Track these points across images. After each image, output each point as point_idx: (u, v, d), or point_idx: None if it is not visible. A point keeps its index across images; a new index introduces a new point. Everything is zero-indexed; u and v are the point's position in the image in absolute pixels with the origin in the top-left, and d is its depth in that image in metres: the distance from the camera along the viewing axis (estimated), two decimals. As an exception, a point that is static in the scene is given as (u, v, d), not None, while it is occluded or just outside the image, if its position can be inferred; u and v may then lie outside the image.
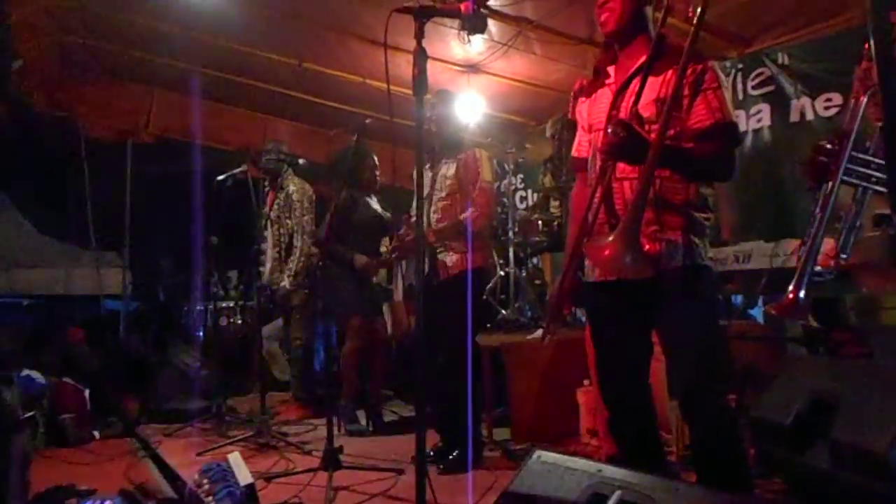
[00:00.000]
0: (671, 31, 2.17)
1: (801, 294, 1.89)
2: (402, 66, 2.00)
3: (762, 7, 4.52)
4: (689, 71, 2.06)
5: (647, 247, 2.03)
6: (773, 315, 2.34)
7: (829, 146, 2.35)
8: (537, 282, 5.41)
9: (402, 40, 1.97)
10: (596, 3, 2.23)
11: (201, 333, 6.50)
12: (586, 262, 2.30)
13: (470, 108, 5.73)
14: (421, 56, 1.78)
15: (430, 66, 1.85)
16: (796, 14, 4.59)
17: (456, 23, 2.02)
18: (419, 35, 1.79)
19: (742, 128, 4.76)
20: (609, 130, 1.98)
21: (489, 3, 4.46)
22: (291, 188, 5.15)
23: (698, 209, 2.16)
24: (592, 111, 2.34)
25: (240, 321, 6.48)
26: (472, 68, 5.67)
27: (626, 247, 1.85)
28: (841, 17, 4.34)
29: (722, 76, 2.13)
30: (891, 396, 1.76)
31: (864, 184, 2.22)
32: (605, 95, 2.27)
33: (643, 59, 2.11)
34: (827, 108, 4.32)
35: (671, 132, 2.07)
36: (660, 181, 2.09)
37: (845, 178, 2.26)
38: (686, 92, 2.08)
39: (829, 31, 4.46)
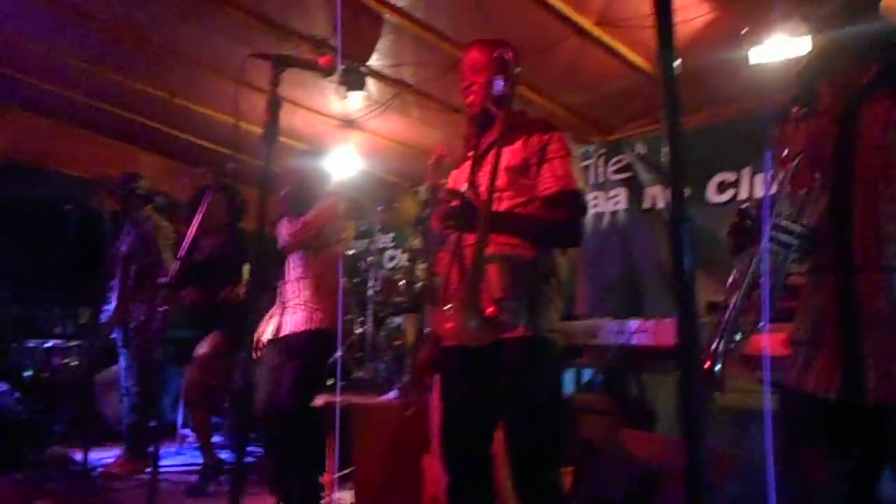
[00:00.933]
0: (531, 107, 2.27)
1: (717, 367, 1.85)
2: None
3: (624, 99, 4.82)
4: (535, 140, 2.18)
5: (488, 311, 2.02)
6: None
7: (754, 210, 2.37)
8: (397, 342, 5.36)
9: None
10: (461, 86, 2.32)
11: (30, 373, 5.96)
12: (441, 327, 2.29)
13: (344, 163, 5.70)
14: (273, 104, 1.74)
15: (308, 118, 1.83)
16: (654, 109, 4.92)
17: (335, 76, 2.01)
18: (274, 82, 1.77)
19: (601, 209, 5.03)
20: (443, 199, 2.03)
21: (369, 62, 4.50)
22: (148, 225, 4.87)
23: (545, 278, 2.18)
24: (457, 182, 2.38)
25: (75, 363, 5.97)
26: (349, 124, 5.68)
27: (466, 313, 1.85)
28: (696, 116, 4.68)
29: (570, 146, 2.23)
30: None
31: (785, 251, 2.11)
32: (467, 167, 2.33)
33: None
34: (676, 198, 4.63)
35: (522, 199, 2.16)
36: (509, 247, 2.13)
37: (769, 243, 2.19)
38: (533, 160, 2.17)
39: (685, 127, 4.80)
